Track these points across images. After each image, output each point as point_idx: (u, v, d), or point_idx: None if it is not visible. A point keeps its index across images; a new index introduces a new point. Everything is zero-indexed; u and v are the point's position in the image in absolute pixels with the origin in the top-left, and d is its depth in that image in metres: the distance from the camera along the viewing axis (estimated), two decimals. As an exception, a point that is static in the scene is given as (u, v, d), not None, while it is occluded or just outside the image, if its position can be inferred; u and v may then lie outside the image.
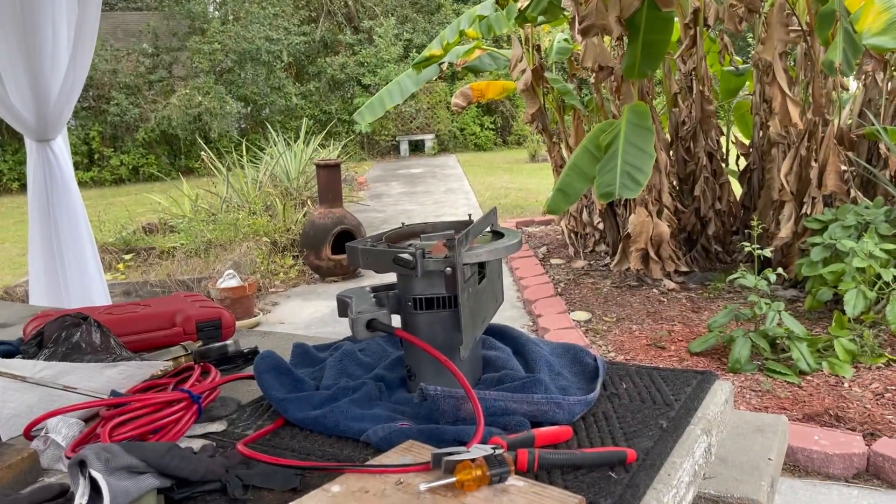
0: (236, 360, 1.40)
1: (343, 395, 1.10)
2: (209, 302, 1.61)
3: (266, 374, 1.14)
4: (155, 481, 0.83)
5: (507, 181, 11.59)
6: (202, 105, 15.11)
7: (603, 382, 1.15)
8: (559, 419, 1.01)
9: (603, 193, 3.89)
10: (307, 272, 6.57)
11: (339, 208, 6.42)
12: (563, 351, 1.25)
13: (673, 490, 0.88)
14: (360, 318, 1.04)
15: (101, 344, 1.35)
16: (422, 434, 0.96)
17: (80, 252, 3.36)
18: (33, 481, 0.94)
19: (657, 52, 4.51)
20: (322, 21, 18.33)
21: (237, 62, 16.17)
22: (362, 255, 1.11)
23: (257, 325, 5.20)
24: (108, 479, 0.78)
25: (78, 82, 3.21)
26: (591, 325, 4.43)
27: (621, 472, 0.88)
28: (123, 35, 16.59)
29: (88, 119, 15.28)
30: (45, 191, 3.29)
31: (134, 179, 15.31)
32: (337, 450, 0.99)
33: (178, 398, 1.05)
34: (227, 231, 7.14)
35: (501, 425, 0.99)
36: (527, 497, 0.78)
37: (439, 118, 17.57)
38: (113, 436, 0.96)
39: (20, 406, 1.12)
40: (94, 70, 14.48)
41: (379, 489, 0.81)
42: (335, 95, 17.80)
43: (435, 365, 1.05)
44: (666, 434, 0.98)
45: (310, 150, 9.67)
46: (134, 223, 8.43)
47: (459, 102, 6.69)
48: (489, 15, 5.37)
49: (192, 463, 0.86)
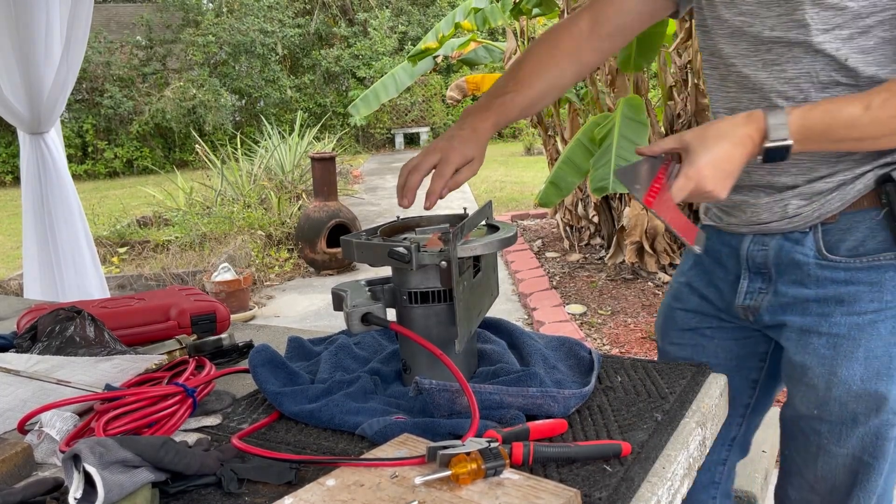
0: (231, 354, 1.40)
1: (338, 388, 1.10)
2: (204, 295, 1.60)
3: (261, 367, 1.14)
4: (149, 475, 0.83)
5: (503, 174, 11.58)
6: (196, 98, 15.06)
7: (598, 375, 1.15)
8: (554, 412, 1.01)
9: (597, 188, 3.89)
10: (302, 265, 6.57)
11: (334, 201, 6.41)
12: (558, 344, 1.25)
13: (668, 483, 0.89)
14: (356, 312, 1.04)
15: (96, 338, 1.34)
16: (417, 427, 0.96)
17: (75, 245, 3.36)
18: (27, 475, 0.94)
19: (652, 44, 4.49)
20: (317, 13, 18.27)
21: (231, 54, 16.12)
22: (357, 249, 1.11)
23: (252, 318, 5.19)
24: (103, 472, 0.78)
25: (71, 75, 3.19)
26: (587, 319, 4.44)
27: (616, 465, 0.88)
28: (117, 27, 16.50)
29: (82, 112, 15.21)
30: (38, 183, 3.27)
31: (128, 172, 15.25)
32: (332, 443, 0.99)
33: (172, 392, 1.05)
34: (222, 224, 7.13)
35: (497, 419, 0.99)
36: (522, 490, 0.78)
37: (434, 111, 17.55)
38: (107, 430, 0.96)
39: (14, 400, 1.12)
40: (88, 62, 14.41)
41: (374, 482, 0.81)
42: (330, 88, 17.76)
43: (430, 358, 1.05)
44: (661, 427, 0.98)
45: (304, 142, 9.65)
46: (128, 216, 8.41)
47: (454, 95, 6.67)
48: (484, 7, 5.36)
49: (187, 457, 0.86)
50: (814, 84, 1.09)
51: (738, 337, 1.32)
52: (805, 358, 1.18)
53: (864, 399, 1.14)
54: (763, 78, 1.13)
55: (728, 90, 1.19)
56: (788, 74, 1.10)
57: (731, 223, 1.24)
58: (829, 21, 1.05)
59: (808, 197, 1.13)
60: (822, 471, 1.22)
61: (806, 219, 1.14)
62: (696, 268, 1.36)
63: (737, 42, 1.15)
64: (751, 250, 1.22)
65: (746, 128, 1.03)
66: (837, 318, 1.15)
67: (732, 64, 1.17)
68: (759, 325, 1.27)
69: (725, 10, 1.16)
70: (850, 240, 1.13)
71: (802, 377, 1.19)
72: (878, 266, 1.12)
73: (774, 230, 1.18)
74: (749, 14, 1.12)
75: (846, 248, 1.13)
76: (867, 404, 1.15)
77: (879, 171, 1.10)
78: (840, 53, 1.06)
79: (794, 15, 1.07)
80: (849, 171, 1.11)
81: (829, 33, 1.06)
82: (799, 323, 1.18)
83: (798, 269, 1.17)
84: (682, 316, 1.37)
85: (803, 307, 1.18)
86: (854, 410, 1.15)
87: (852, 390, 1.14)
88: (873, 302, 1.13)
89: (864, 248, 1.12)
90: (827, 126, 1.03)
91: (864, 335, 1.13)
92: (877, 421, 1.15)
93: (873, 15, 1.03)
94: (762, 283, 1.22)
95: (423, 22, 18.05)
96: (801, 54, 1.08)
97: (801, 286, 1.17)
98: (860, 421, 1.16)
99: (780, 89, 1.12)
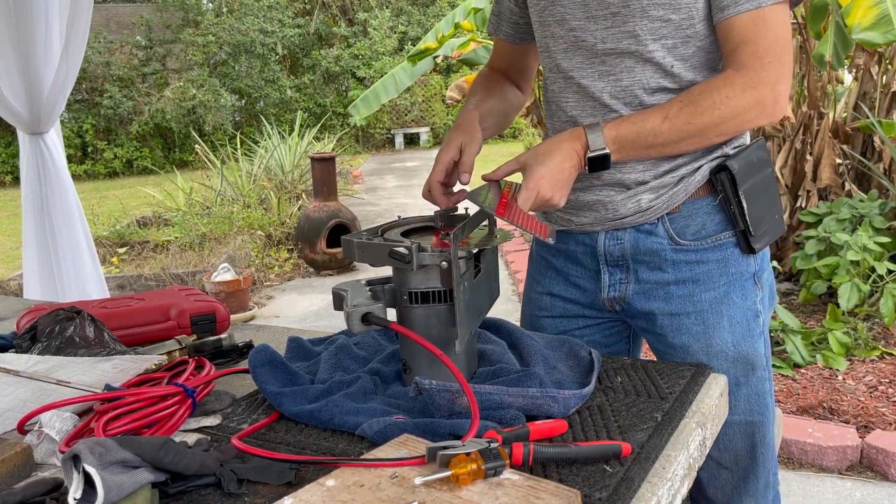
0: (231, 354, 1.40)
1: (338, 388, 1.10)
2: (204, 296, 1.60)
3: (261, 367, 1.14)
4: (149, 475, 0.83)
5: (503, 174, 11.56)
6: (196, 98, 15.05)
7: (598, 376, 1.15)
8: (554, 413, 1.01)
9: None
10: (302, 266, 6.56)
11: (334, 202, 6.40)
12: (558, 344, 1.25)
13: (668, 483, 0.89)
14: (356, 312, 1.04)
15: (95, 338, 1.34)
16: (417, 428, 0.96)
17: (74, 245, 3.35)
18: (27, 476, 0.94)
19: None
20: (316, 13, 18.26)
21: (231, 55, 16.10)
22: (358, 249, 1.11)
23: (252, 318, 5.19)
24: (103, 473, 0.78)
25: (71, 75, 3.19)
26: (586, 319, 4.44)
27: (616, 465, 0.88)
28: (116, 27, 16.49)
29: (82, 112, 15.20)
30: (38, 184, 3.27)
31: (128, 172, 15.24)
32: (332, 444, 0.99)
33: (172, 392, 1.05)
34: (222, 224, 7.12)
35: (497, 419, 0.99)
36: (522, 490, 0.78)
37: (434, 111, 17.53)
38: (107, 430, 0.96)
39: (13, 400, 1.12)
40: (87, 62, 14.40)
41: (374, 483, 0.81)
42: (330, 88, 17.74)
43: (430, 359, 1.05)
44: (661, 427, 0.98)
45: (304, 143, 9.64)
46: (128, 216, 8.40)
47: (454, 95, 6.66)
48: (484, 7, 5.35)
49: (187, 457, 0.86)
50: (645, 90, 1.23)
51: (605, 328, 1.44)
52: (682, 338, 1.31)
53: (741, 362, 1.30)
54: (600, 87, 1.26)
55: (568, 101, 1.31)
56: (623, 83, 1.24)
57: (584, 223, 1.35)
58: (656, 31, 1.19)
59: (657, 190, 1.27)
60: (723, 443, 1.33)
61: (656, 211, 1.28)
62: (550, 274, 1.45)
63: (572, 56, 1.27)
64: (607, 245, 1.33)
65: (571, 143, 1.19)
66: (699, 296, 1.30)
67: (571, 77, 1.28)
68: (626, 315, 1.38)
69: (559, 28, 1.27)
70: (694, 225, 1.28)
71: (685, 356, 1.31)
72: (720, 245, 1.29)
73: (628, 224, 1.30)
74: (580, 29, 1.24)
75: (691, 232, 1.28)
76: (744, 366, 1.30)
77: (712, 163, 1.27)
78: (666, 61, 1.21)
79: (625, 27, 1.20)
80: (687, 165, 1.26)
81: (657, 42, 1.20)
82: (667, 308, 1.32)
83: (655, 255, 1.30)
84: (549, 323, 1.46)
85: (665, 290, 1.31)
86: (735, 376, 1.29)
87: (729, 356, 1.30)
88: (723, 276, 1.29)
89: (705, 231, 1.28)
90: (636, 135, 1.18)
91: (724, 306, 1.29)
92: (754, 379, 1.31)
93: (692, 26, 1.19)
94: (622, 273, 1.34)
95: (423, 22, 18.03)
96: (633, 64, 1.22)
97: (659, 271, 1.31)
98: (741, 383, 1.30)
99: (617, 97, 1.25)
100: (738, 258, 1.30)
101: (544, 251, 1.47)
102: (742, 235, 1.28)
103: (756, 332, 1.31)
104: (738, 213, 1.26)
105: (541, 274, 1.48)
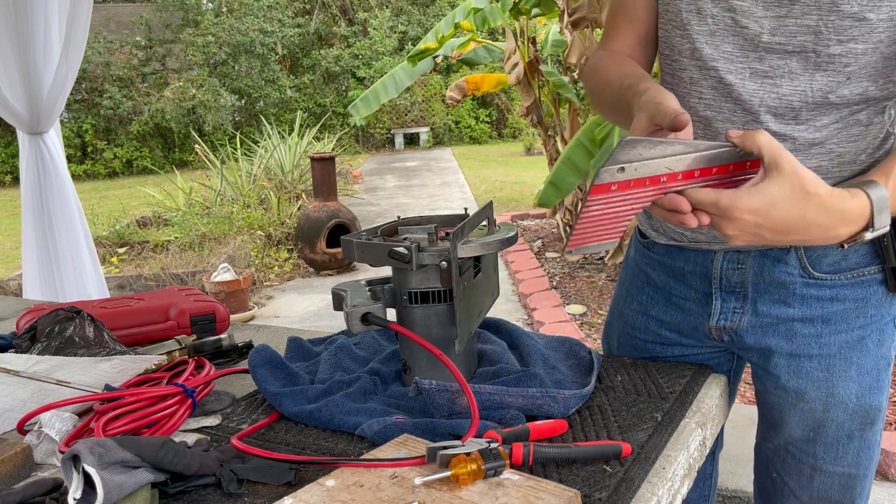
0: (231, 354, 1.40)
1: (338, 388, 1.10)
2: (203, 296, 1.60)
3: (261, 367, 1.14)
4: (149, 476, 0.83)
5: (503, 174, 11.59)
6: (196, 98, 15.07)
7: (598, 375, 1.15)
8: (554, 413, 1.01)
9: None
10: (302, 266, 6.56)
11: (334, 202, 6.41)
12: (558, 344, 1.25)
13: (668, 483, 0.88)
14: (355, 312, 1.04)
15: (95, 338, 1.34)
16: (417, 428, 0.96)
17: (74, 245, 3.35)
18: (27, 476, 0.94)
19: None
20: (316, 13, 18.28)
21: (231, 55, 16.12)
22: (358, 249, 1.10)
23: (252, 318, 5.19)
24: (102, 473, 0.78)
25: (70, 74, 3.19)
26: (587, 319, 4.44)
27: (616, 465, 0.88)
28: (116, 27, 16.51)
29: (81, 112, 15.21)
30: (38, 184, 3.28)
31: (127, 172, 15.25)
32: (332, 444, 0.99)
33: (172, 392, 1.05)
34: (222, 224, 7.13)
35: (497, 419, 0.99)
36: (522, 491, 0.78)
37: (434, 111, 17.55)
38: (107, 430, 0.96)
39: (13, 400, 1.12)
40: (87, 62, 14.42)
41: (374, 483, 0.81)
42: (330, 88, 17.76)
43: (430, 359, 1.05)
44: (661, 427, 0.98)
45: (304, 143, 9.65)
46: (128, 216, 8.41)
47: (454, 95, 6.67)
48: (484, 7, 5.36)
49: (187, 457, 0.86)
50: (806, 105, 1.00)
51: (704, 359, 1.25)
52: (800, 383, 1.13)
53: (860, 415, 1.13)
54: (751, 90, 1.01)
55: (703, 97, 1.06)
56: (782, 90, 1.00)
57: (699, 240, 1.14)
58: (845, 32, 0.94)
59: None
60: (819, 490, 1.19)
61: None
62: (647, 291, 1.26)
63: (720, 42, 1.02)
64: (724, 269, 1.13)
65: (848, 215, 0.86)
66: (827, 338, 1.10)
67: (713, 68, 1.03)
68: (735, 347, 1.20)
69: (711, 3, 1.01)
70: (832, 255, 1.07)
71: (798, 402, 1.15)
72: (862, 281, 1.08)
73: (752, 247, 1.10)
74: (742, 11, 0.99)
75: (828, 263, 1.08)
76: (862, 419, 1.13)
77: None
78: (848, 70, 0.96)
79: (804, 20, 0.95)
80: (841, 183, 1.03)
81: (843, 45, 0.95)
82: (787, 348, 1.13)
83: (782, 288, 1.10)
84: (642, 345, 1.29)
85: (788, 328, 1.12)
86: (850, 428, 1.14)
87: (849, 409, 1.12)
88: (860, 318, 1.09)
89: (846, 264, 1.08)
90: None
91: (855, 353, 1.10)
92: (870, 433, 1.14)
93: (887, 29, 0.94)
94: (737, 302, 1.14)
95: (423, 22, 18.05)
96: (801, 69, 0.98)
97: (784, 305, 1.11)
98: (855, 436, 1.14)
99: (769, 105, 1.01)
100: (880, 298, 1.09)
101: (644, 262, 1.27)
102: (892, 273, 1.07)
103: (885, 383, 1.13)
104: (891, 246, 1.04)
105: (637, 289, 1.28)
